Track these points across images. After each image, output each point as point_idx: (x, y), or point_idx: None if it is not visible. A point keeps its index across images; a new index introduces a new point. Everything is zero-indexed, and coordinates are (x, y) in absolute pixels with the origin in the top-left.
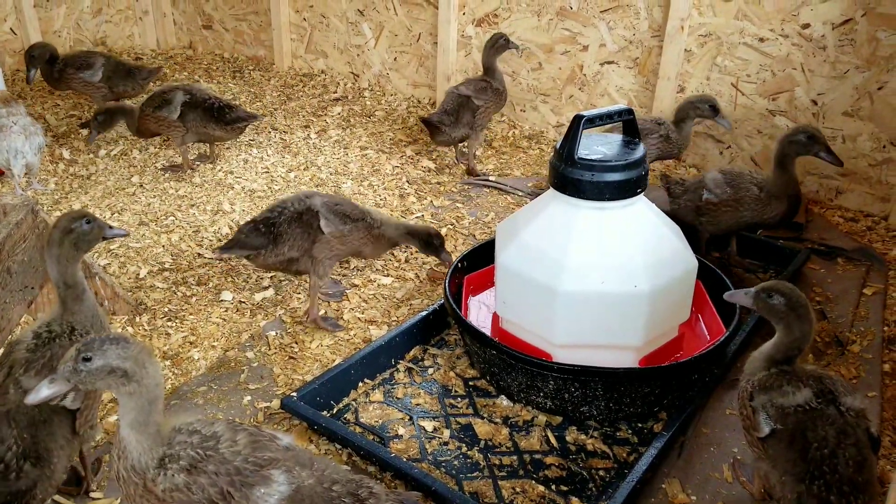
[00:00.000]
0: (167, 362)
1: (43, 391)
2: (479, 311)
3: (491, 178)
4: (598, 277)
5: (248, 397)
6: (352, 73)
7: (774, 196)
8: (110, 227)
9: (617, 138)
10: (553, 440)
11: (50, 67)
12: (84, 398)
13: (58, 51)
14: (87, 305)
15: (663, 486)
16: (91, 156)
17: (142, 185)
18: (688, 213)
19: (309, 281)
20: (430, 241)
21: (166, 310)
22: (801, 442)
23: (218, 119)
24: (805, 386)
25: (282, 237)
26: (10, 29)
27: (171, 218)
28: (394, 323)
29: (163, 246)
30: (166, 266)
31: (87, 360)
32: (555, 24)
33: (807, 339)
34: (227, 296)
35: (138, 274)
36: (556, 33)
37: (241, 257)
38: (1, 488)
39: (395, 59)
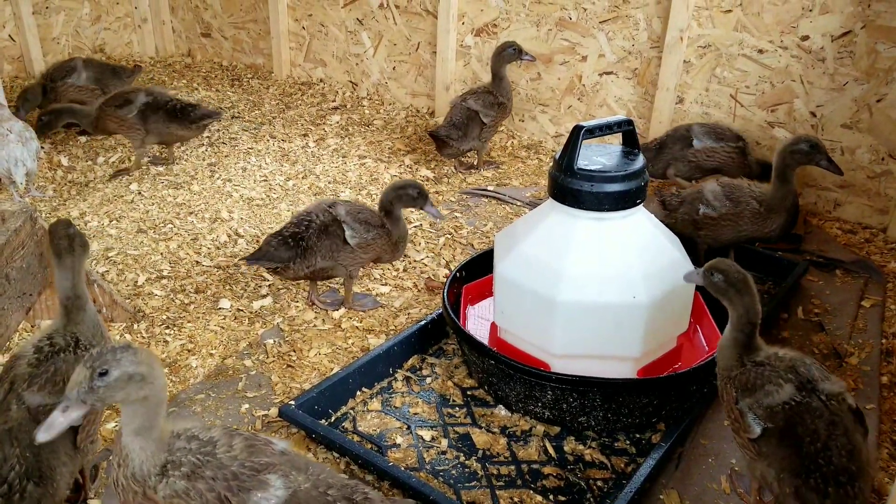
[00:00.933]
0: (165, 370)
1: (58, 422)
2: (477, 321)
3: (489, 187)
4: (596, 288)
5: (246, 405)
6: (350, 81)
7: (773, 210)
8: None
9: (616, 149)
10: (551, 450)
11: (44, 95)
12: (87, 413)
13: (36, 86)
14: (89, 315)
15: (661, 497)
16: (89, 163)
17: (140, 193)
18: (685, 226)
19: (344, 282)
20: (406, 194)
21: (164, 317)
22: (792, 438)
23: (182, 119)
24: (785, 382)
25: (311, 250)
26: (9, 36)
27: (170, 225)
28: (392, 332)
29: (161, 253)
30: (164, 273)
31: (104, 374)
32: (554, 34)
33: (752, 312)
34: (225, 304)
35: (136, 281)
36: (555, 44)
37: (267, 269)
38: None
39: (393, 68)
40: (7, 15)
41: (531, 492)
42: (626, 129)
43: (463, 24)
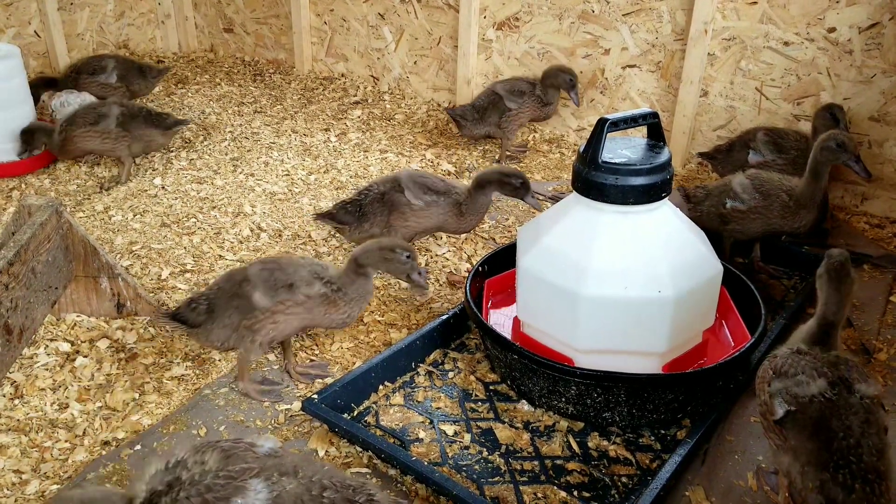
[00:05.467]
0: (189, 363)
1: None
2: (499, 316)
3: None
4: (621, 282)
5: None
6: (372, 76)
7: (803, 205)
8: (419, 274)
9: (641, 142)
10: (575, 446)
11: (57, 83)
12: (264, 312)
13: (54, 77)
14: (361, 284)
15: (687, 493)
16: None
17: (164, 188)
18: (711, 220)
19: None
20: (509, 183)
21: None
22: (825, 431)
23: (158, 125)
24: (819, 376)
25: (365, 216)
26: (35, 32)
27: (193, 220)
28: (414, 326)
29: (184, 248)
30: (188, 267)
31: None
32: (576, 27)
33: (829, 309)
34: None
35: (160, 275)
36: (577, 37)
37: (333, 228)
38: (182, 308)
39: (415, 62)
40: (33, 11)
41: (555, 487)
42: (652, 122)
43: (485, 17)
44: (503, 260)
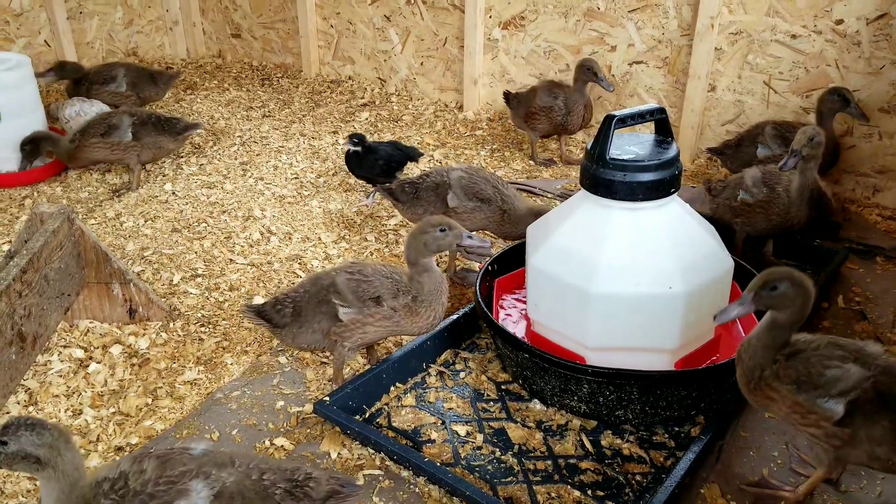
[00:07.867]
0: (201, 367)
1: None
2: (510, 315)
3: (519, 180)
4: (631, 279)
5: (282, 402)
6: (379, 78)
7: (793, 202)
8: (469, 237)
9: (649, 138)
10: (588, 445)
11: (76, 86)
12: (353, 322)
13: (83, 68)
14: (428, 281)
15: (702, 490)
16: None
17: (174, 193)
18: (724, 212)
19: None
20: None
21: (199, 315)
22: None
23: (169, 131)
24: (845, 360)
25: (419, 200)
26: (45, 41)
27: (203, 224)
28: None
29: (195, 252)
30: (199, 272)
31: (3, 443)
32: (582, 25)
33: (805, 313)
34: (259, 301)
35: (171, 280)
36: (583, 34)
37: (391, 203)
38: (267, 307)
39: (421, 63)
40: (42, 21)
41: (569, 487)
42: (659, 118)
43: (490, 17)
44: (513, 258)
